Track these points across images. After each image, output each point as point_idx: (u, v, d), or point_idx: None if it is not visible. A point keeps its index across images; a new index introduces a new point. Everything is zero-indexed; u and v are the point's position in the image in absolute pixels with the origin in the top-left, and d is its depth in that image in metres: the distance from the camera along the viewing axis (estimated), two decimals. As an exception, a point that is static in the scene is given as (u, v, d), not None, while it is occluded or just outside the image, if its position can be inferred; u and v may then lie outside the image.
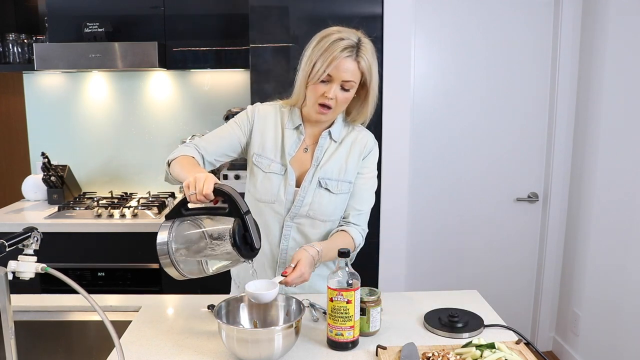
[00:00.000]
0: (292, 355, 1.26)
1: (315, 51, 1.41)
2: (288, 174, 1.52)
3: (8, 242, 1.11)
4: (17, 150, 3.19)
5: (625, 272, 2.46)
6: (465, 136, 2.94)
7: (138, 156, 3.14)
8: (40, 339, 1.54)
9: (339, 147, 1.55)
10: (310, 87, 1.43)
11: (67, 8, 2.73)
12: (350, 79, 1.41)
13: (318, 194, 1.52)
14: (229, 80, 3.06)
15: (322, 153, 1.54)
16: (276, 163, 1.53)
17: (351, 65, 1.40)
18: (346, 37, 1.40)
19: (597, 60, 2.67)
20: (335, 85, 1.41)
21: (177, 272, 1.28)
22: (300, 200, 1.51)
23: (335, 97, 1.42)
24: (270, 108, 1.58)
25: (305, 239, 1.55)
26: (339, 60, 1.38)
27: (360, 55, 1.41)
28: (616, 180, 2.54)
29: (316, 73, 1.40)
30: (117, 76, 3.07)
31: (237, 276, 1.68)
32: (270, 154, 1.54)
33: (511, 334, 1.39)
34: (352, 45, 1.40)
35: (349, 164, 1.55)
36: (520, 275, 3.11)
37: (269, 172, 1.52)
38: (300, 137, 1.54)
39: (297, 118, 1.54)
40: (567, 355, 2.95)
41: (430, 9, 2.80)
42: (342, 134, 1.57)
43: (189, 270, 1.30)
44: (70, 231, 2.53)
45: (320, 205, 1.52)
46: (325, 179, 1.52)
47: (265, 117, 1.56)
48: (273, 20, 2.40)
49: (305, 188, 1.52)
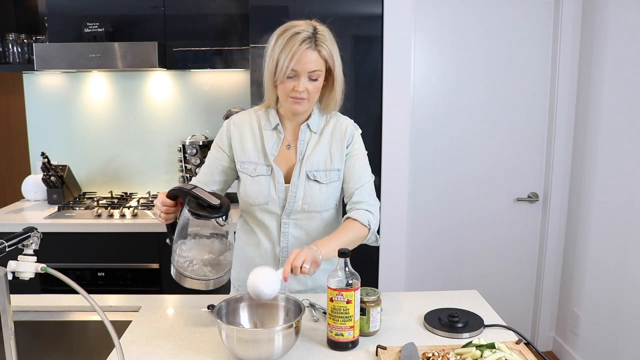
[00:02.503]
0: (292, 355, 1.26)
1: (275, 50, 1.43)
2: (275, 172, 1.53)
3: (8, 242, 1.11)
4: (17, 150, 3.19)
5: (625, 272, 2.46)
6: (465, 136, 2.94)
7: (138, 156, 3.15)
8: (40, 339, 1.54)
9: (320, 137, 1.57)
10: (279, 86, 1.46)
11: (67, 8, 2.73)
12: (315, 69, 1.43)
13: (308, 186, 1.53)
14: (229, 80, 3.06)
15: (304, 146, 1.56)
16: (261, 165, 1.55)
17: (313, 55, 1.42)
18: (302, 30, 1.42)
19: (597, 60, 2.67)
20: (302, 78, 1.43)
21: (197, 282, 1.35)
22: (293, 196, 1.53)
23: (306, 89, 1.45)
24: (244, 114, 1.61)
25: (304, 232, 1.57)
26: (300, 54, 1.40)
27: (318, 44, 1.43)
28: (616, 180, 2.54)
29: (280, 71, 1.42)
30: (117, 76, 3.07)
31: (236, 280, 1.68)
32: (254, 157, 1.56)
33: (511, 334, 1.39)
34: (309, 36, 1.42)
35: (333, 152, 1.56)
36: (520, 275, 3.11)
37: (256, 176, 1.54)
38: (280, 136, 1.56)
39: (273, 118, 1.57)
40: (567, 355, 2.95)
41: (430, 9, 2.80)
42: (321, 124, 1.59)
43: (202, 274, 1.36)
44: (70, 231, 2.53)
45: (312, 198, 1.53)
46: (312, 171, 1.54)
47: (240, 125, 1.59)
48: (273, 20, 2.39)
49: (295, 183, 1.53)
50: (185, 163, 2.93)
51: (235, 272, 1.66)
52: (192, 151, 2.89)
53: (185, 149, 2.91)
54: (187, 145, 2.90)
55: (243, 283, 1.61)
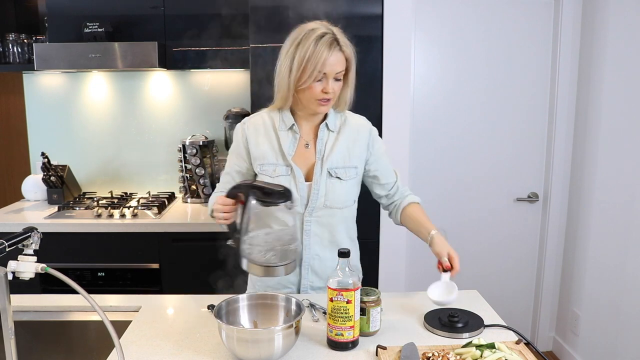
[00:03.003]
0: (292, 355, 1.26)
1: (299, 54, 1.44)
2: (295, 172, 1.55)
3: (8, 242, 1.11)
4: (17, 150, 3.19)
5: (625, 272, 2.46)
6: (466, 136, 2.94)
7: (138, 156, 3.15)
8: (40, 339, 1.54)
9: (338, 135, 1.60)
10: (306, 90, 1.47)
11: (67, 8, 2.73)
12: (341, 70, 1.48)
13: (330, 183, 1.57)
14: (229, 80, 3.06)
15: (323, 145, 1.58)
16: (280, 166, 1.56)
17: (340, 56, 1.46)
18: (323, 32, 1.45)
19: (597, 60, 2.67)
20: (330, 80, 1.47)
21: (271, 269, 1.36)
22: (316, 193, 1.55)
23: (333, 90, 1.48)
24: (257, 117, 1.62)
25: (327, 230, 1.59)
26: (331, 56, 1.44)
27: (341, 44, 1.46)
28: (616, 180, 2.54)
29: (311, 75, 1.44)
30: (117, 76, 3.07)
31: (257, 280, 1.67)
32: (272, 159, 1.57)
33: (511, 334, 1.39)
34: (334, 38, 1.45)
35: (351, 150, 1.60)
36: (520, 275, 3.11)
37: (276, 176, 1.55)
38: (296, 135, 1.58)
39: (288, 119, 1.58)
40: (567, 355, 2.95)
41: (430, 9, 2.80)
42: (337, 123, 1.62)
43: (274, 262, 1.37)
44: (70, 231, 2.53)
45: (334, 194, 1.56)
46: (333, 169, 1.57)
47: (255, 127, 1.60)
48: (273, 20, 2.40)
49: (317, 180, 1.56)
50: (185, 163, 2.93)
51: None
52: (192, 151, 2.89)
53: (185, 149, 2.91)
54: (187, 145, 2.90)
55: (263, 284, 1.64)
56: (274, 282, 1.62)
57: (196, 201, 2.97)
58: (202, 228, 2.56)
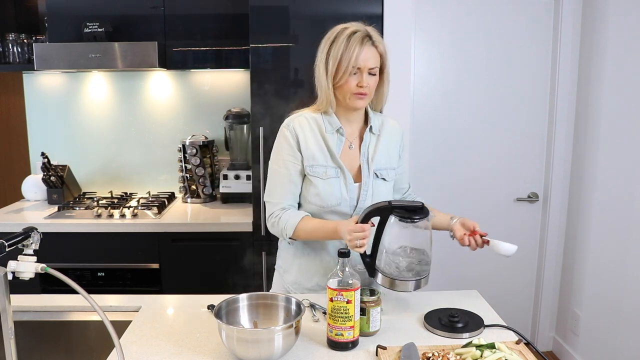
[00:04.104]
0: (292, 355, 1.26)
1: (334, 51, 1.49)
2: (345, 173, 1.57)
3: (8, 242, 1.11)
4: (17, 150, 3.19)
5: (626, 272, 2.46)
6: (465, 136, 2.94)
7: (138, 156, 3.15)
8: (40, 339, 1.54)
9: (379, 138, 1.64)
10: (342, 85, 1.51)
11: (67, 8, 2.73)
12: (374, 65, 1.51)
13: (376, 184, 1.60)
14: (229, 80, 3.06)
15: (367, 148, 1.62)
16: (330, 167, 1.57)
17: (372, 51, 1.50)
18: (356, 29, 1.49)
19: (597, 59, 2.67)
20: (365, 74, 1.50)
21: (410, 283, 1.45)
22: (365, 194, 1.58)
23: (368, 84, 1.51)
24: (303, 119, 1.60)
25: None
26: (363, 51, 1.47)
27: (374, 39, 1.50)
28: (616, 180, 2.54)
29: (346, 70, 1.48)
30: (117, 76, 3.07)
31: (293, 283, 1.67)
32: (321, 160, 1.57)
33: (511, 334, 1.39)
34: (367, 34, 1.49)
35: (390, 153, 1.66)
36: (520, 275, 3.11)
37: (328, 178, 1.56)
38: (342, 138, 1.60)
39: (335, 121, 1.59)
40: (567, 355, 2.95)
41: (430, 9, 2.80)
42: (378, 125, 1.66)
43: (411, 277, 1.45)
44: (70, 231, 2.53)
45: (380, 195, 1.60)
46: (379, 170, 1.62)
47: (302, 128, 1.59)
48: (273, 20, 2.40)
49: (367, 182, 1.59)
50: (185, 163, 2.93)
51: (292, 276, 1.67)
52: (192, 151, 2.89)
53: (185, 149, 2.91)
54: (187, 145, 2.90)
55: (300, 287, 1.65)
56: (312, 284, 1.63)
57: (196, 201, 2.97)
58: (202, 228, 2.56)
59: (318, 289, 1.63)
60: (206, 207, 2.89)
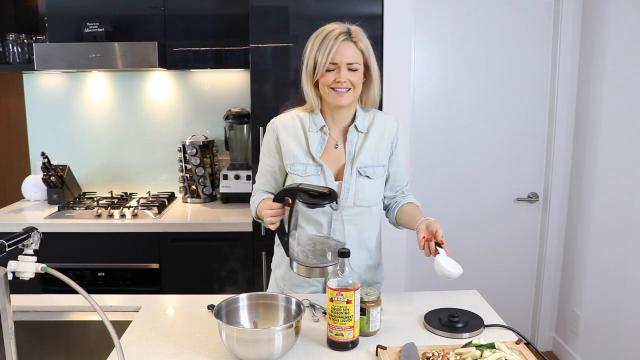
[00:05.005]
0: (292, 355, 1.26)
1: (312, 49, 1.51)
2: (325, 171, 1.57)
3: (8, 242, 1.11)
4: (17, 150, 3.19)
5: (626, 272, 2.46)
6: (465, 136, 2.94)
7: (138, 156, 3.15)
8: (40, 339, 1.54)
9: (367, 136, 1.62)
10: (320, 81, 1.51)
11: (67, 8, 2.73)
12: (353, 61, 1.50)
13: (359, 182, 1.59)
14: (229, 80, 3.06)
15: (353, 147, 1.61)
16: (310, 165, 1.58)
17: (350, 47, 1.50)
18: (335, 28, 1.51)
19: (597, 59, 2.67)
20: (342, 69, 1.49)
21: (317, 270, 1.43)
22: (346, 192, 1.57)
23: (348, 80, 1.50)
24: (287, 117, 1.64)
25: (355, 228, 1.61)
26: (338, 46, 1.48)
27: (353, 36, 1.51)
28: (616, 180, 2.54)
29: (320, 65, 1.48)
30: (117, 76, 3.07)
31: (282, 279, 1.69)
32: (302, 158, 1.58)
33: (511, 334, 1.39)
34: (344, 31, 1.50)
35: (380, 149, 1.63)
36: (520, 275, 3.11)
37: (307, 176, 1.57)
38: (324, 136, 1.60)
39: (319, 120, 1.60)
40: (567, 355, 2.95)
41: (430, 9, 2.80)
42: (367, 123, 1.64)
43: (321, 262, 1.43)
44: (70, 231, 2.53)
45: (363, 193, 1.59)
46: (362, 168, 1.60)
47: (285, 127, 1.62)
48: (273, 20, 2.40)
49: (348, 180, 1.58)
50: (185, 163, 2.93)
51: (281, 272, 1.69)
52: (192, 151, 2.89)
53: (185, 149, 2.91)
54: (187, 145, 2.90)
55: (288, 282, 1.66)
56: (300, 280, 1.63)
57: (196, 201, 2.97)
58: (202, 228, 2.56)
59: (305, 285, 1.64)
60: (206, 207, 2.89)
